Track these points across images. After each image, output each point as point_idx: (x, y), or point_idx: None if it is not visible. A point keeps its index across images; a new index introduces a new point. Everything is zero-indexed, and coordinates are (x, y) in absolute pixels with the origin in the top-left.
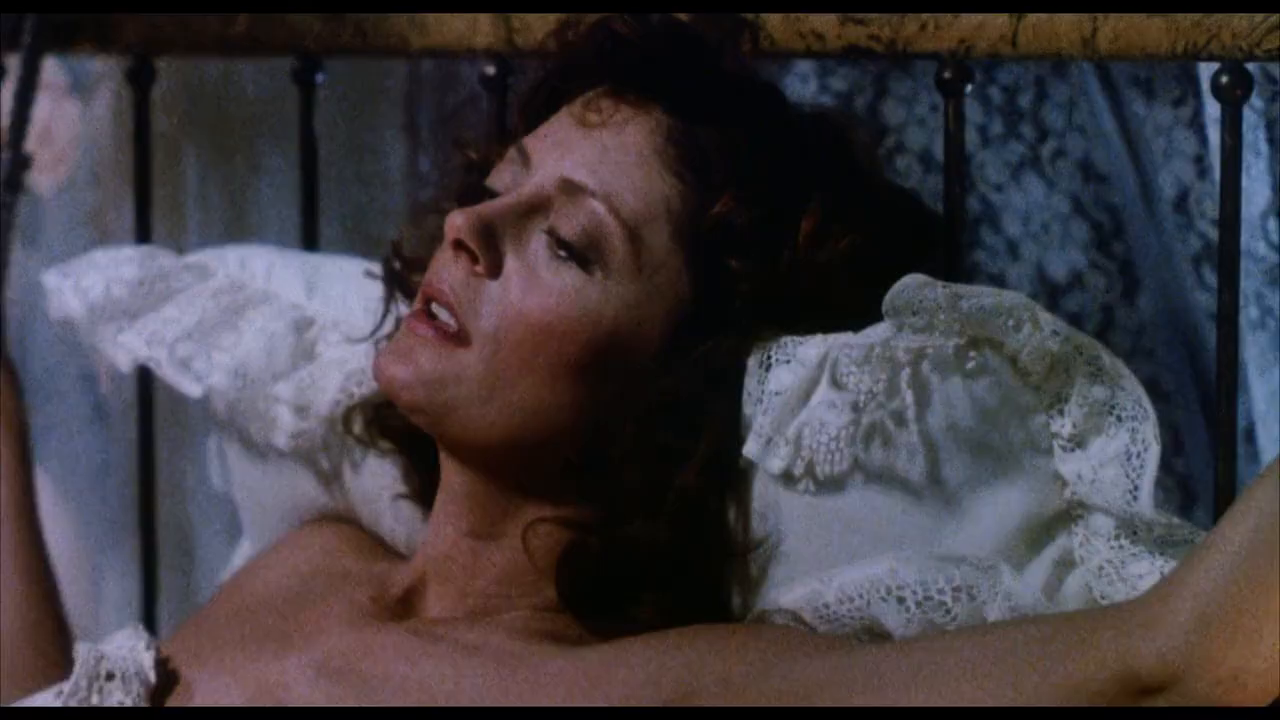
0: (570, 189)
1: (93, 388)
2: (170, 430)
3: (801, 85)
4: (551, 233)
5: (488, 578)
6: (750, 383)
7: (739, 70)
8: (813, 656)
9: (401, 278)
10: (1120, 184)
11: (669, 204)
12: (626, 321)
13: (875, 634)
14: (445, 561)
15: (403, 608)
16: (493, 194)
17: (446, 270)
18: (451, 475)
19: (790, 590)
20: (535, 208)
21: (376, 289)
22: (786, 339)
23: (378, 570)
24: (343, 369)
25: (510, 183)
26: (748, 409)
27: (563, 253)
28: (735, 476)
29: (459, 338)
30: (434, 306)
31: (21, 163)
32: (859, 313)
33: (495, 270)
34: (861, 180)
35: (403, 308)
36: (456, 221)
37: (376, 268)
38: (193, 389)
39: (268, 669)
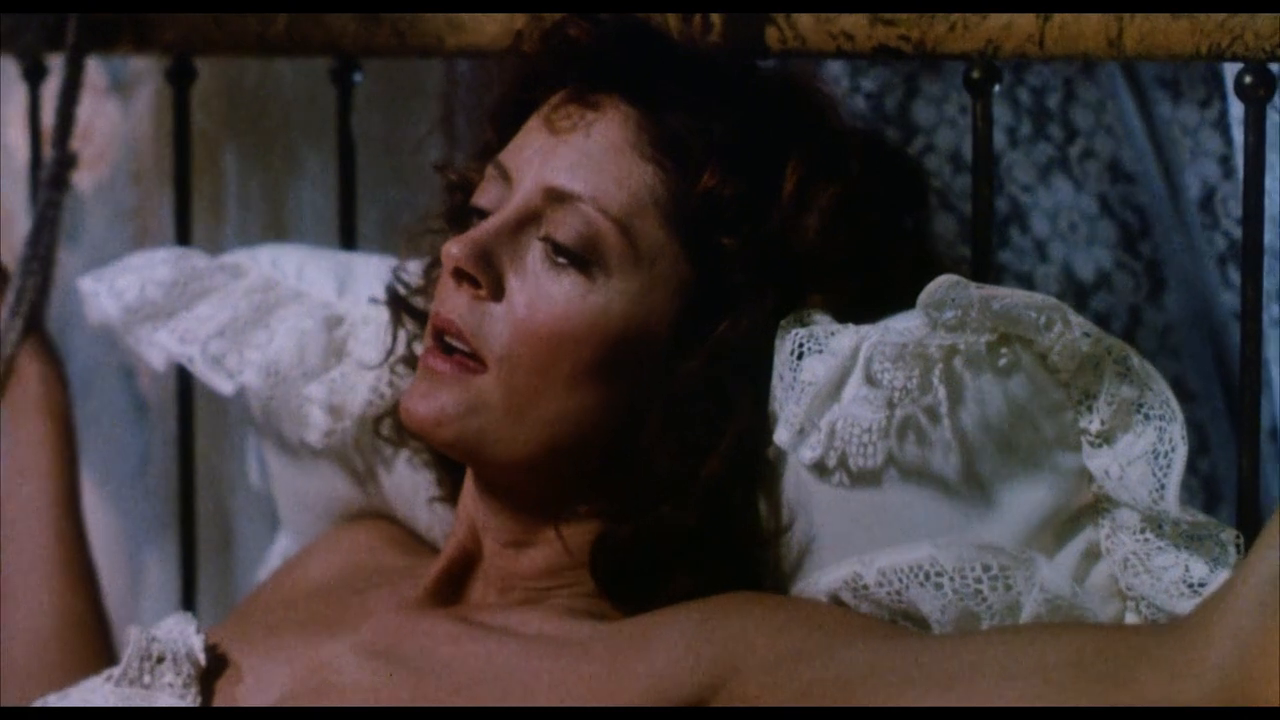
0: (556, 196)
1: (133, 383)
2: (210, 425)
3: (833, 86)
4: (547, 240)
5: (528, 575)
6: (782, 370)
7: (696, 51)
8: (857, 643)
9: (406, 302)
10: (1147, 184)
11: (653, 192)
12: (635, 315)
13: (910, 617)
14: (485, 564)
15: (445, 596)
16: (481, 212)
17: (450, 300)
18: (484, 493)
19: (829, 572)
20: (525, 222)
21: None
22: (817, 328)
23: (418, 565)
24: (372, 370)
25: (496, 200)
26: (779, 395)
27: (561, 259)
28: (764, 463)
29: (475, 365)
30: (446, 338)
31: (67, 161)
32: (856, 267)
33: (498, 292)
34: (833, 134)
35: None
36: (453, 251)
37: (406, 265)
38: (225, 386)
39: (315, 651)
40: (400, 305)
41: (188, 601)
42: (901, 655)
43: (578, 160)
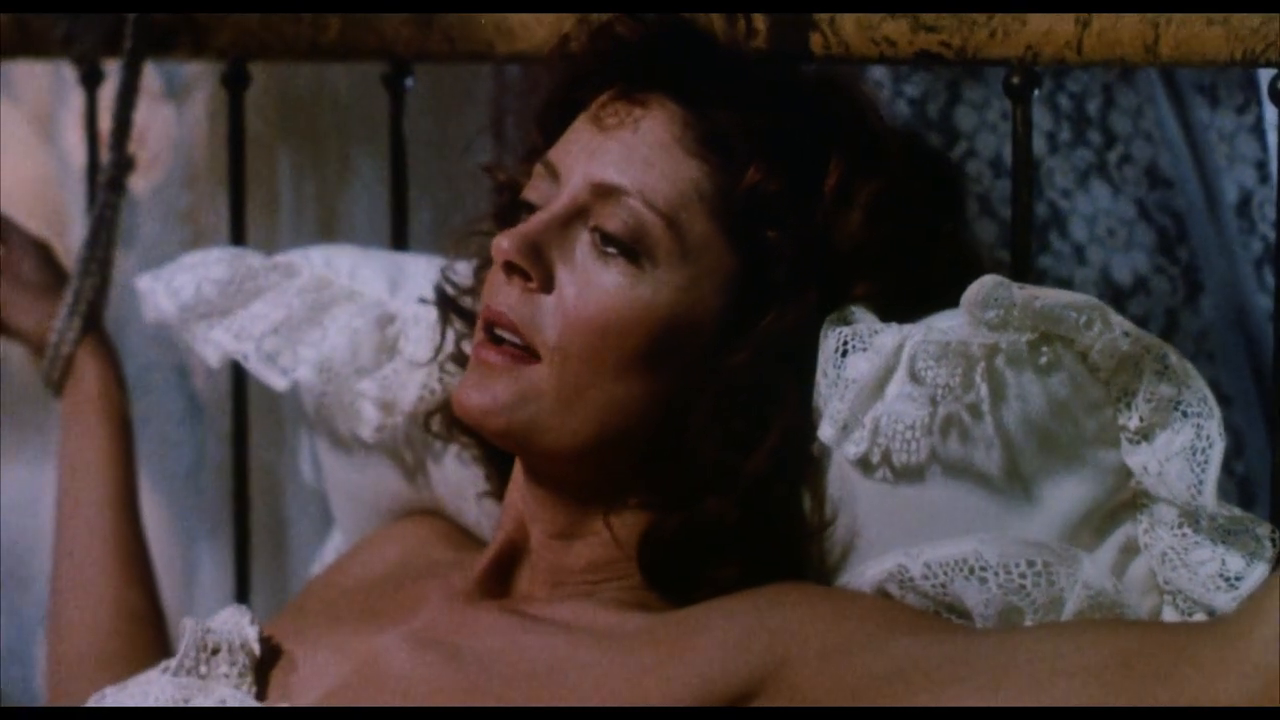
0: (604, 191)
1: (188, 382)
2: (264, 423)
3: (876, 92)
4: (596, 230)
5: (576, 568)
6: (826, 367)
7: (739, 51)
8: (905, 637)
9: (454, 301)
10: (1184, 189)
11: (699, 186)
12: (682, 306)
13: (953, 610)
14: (533, 557)
15: (494, 588)
16: (530, 207)
17: (501, 293)
18: (534, 484)
19: (875, 565)
20: (574, 216)
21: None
22: (861, 326)
23: (468, 559)
24: (423, 367)
25: (544, 196)
26: (823, 391)
27: (610, 249)
28: (808, 459)
29: (528, 356)
30: (497, 331)
31: (124, 164)
32: (897, 262)
33: (548, 284)
34: (874, 132)
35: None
36: (503, 245)
37: (455, 266)
38: (279, 383)
39: (368, 642)
40: (449, 305)
41: (241, 597)
42: (950, 651)
43: (625, 155)
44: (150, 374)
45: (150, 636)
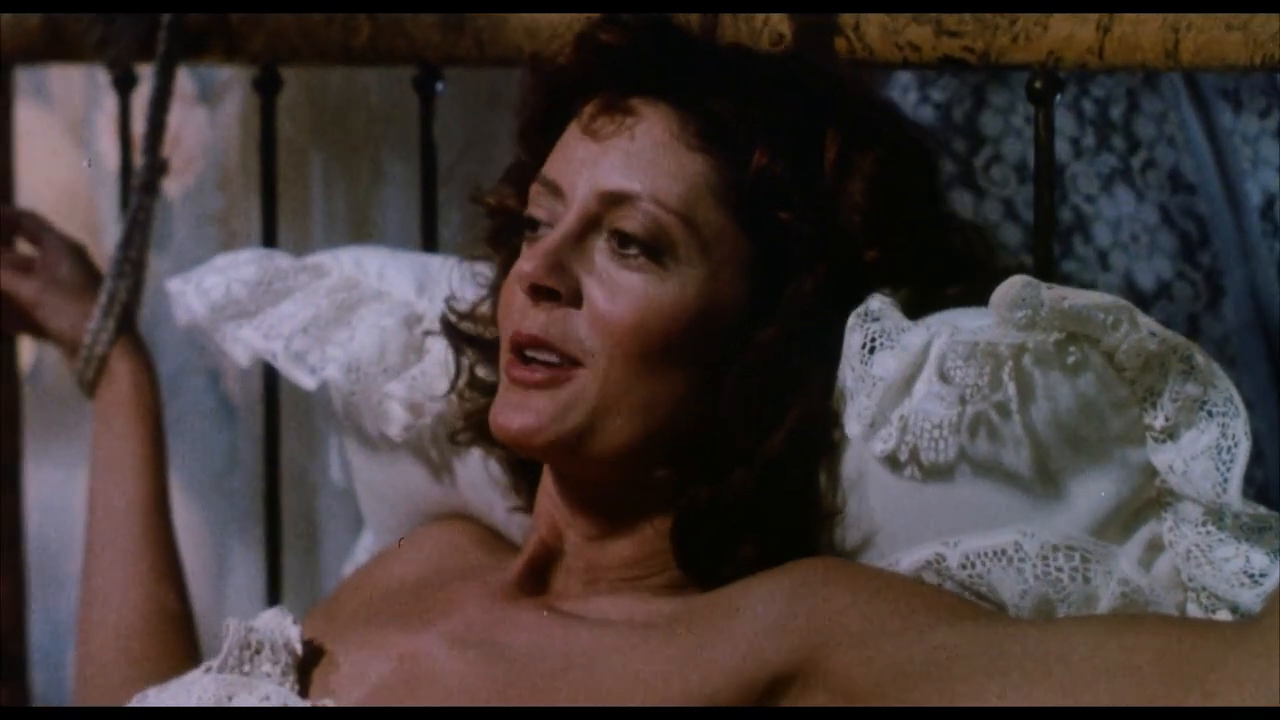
0: (614, 199)
1: (219, 385)
2: (295, 425)
3: (902, 96)
4: (614, 234)
5: (613, 564)
6: (853, 362)
7: (719, 43)
8: (944, 625)
9: (462, 331)
10: (1207, 194)
11: (706, 179)
12: (707, 297)
13: (986, 599)
14: (568, 558)
15: (530, 587)
16: (535, 224)
17: (529, 317)
18: (566, 492)
19: (912, 553)
20: (587, 228)
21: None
22: (889, 322)
23: (503, 561)
24: (451, 370)
25: (549, 214)
26: (850, 386)
27: (629, 250)
28: (826, 444)
29: (568, 366)
30: (528, 353)
31: (158, 167)
32: (901, 227)
33: (576, 297)
34: (862, 103)
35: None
36: (526, 269)
37: (484, 268)
38: (307, 382)
39: (408, 642)
40: (459, 336)
41: (273, 599)
42: (990, 642)
43: (627, 161)
44: (183, 377)
45: (179, 636)
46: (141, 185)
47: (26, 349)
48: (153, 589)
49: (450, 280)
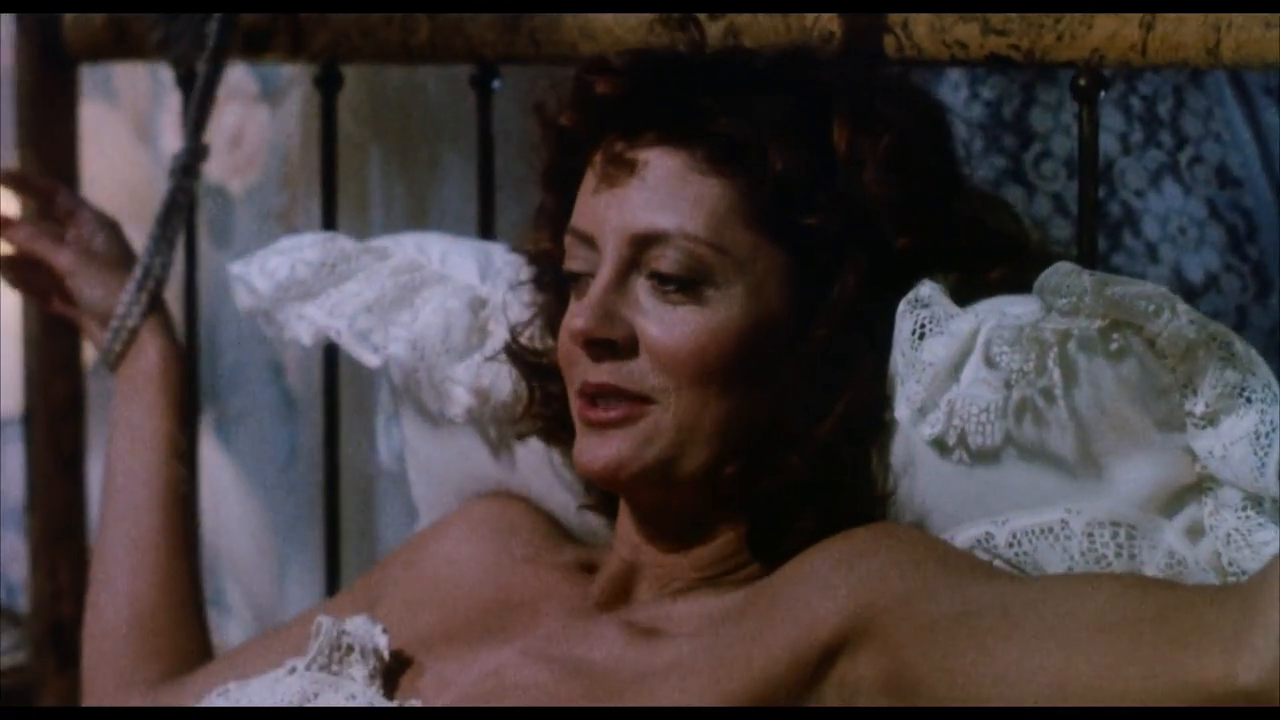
0: (645, 241)
1: (280, 378)
2: (355, 418)
3: (953, 93)
4: (653, 276)
5: (691, 569)
6: (904, 348)
7: (708, 57)
8: (983, 580)
9: (526, 360)
10: (1253, 188)
11: (728, 201)
12: (755, 314)
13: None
14: (648, 570)
15: (613, 602)
16: (575, 276)
17: (591, 371)
18: (647, 514)
19: (961, 531)
20: (626, 271)
21: None
22: (938, 309)
23: (568, 560)
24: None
25: (586, 264)
26: (900, 371)
27: (669, 287)
28: (878, 429)
29: (640, 403)
30: (600, 400)
31: (198, 151)
32: (924, 209)
33: (632, 340)
34: (864, 89)
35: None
36: (578, 326)
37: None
38: (371, 360)
39: (491, 655)
40: (525, 365)
41: (331, 590)
42: (1024, 596)
43: (648, 200)
44: (244, 370)
45: (188, 611)
46: (181, 168)
47: (90, 344)
48: (171, 578)
49: (513, 273)
